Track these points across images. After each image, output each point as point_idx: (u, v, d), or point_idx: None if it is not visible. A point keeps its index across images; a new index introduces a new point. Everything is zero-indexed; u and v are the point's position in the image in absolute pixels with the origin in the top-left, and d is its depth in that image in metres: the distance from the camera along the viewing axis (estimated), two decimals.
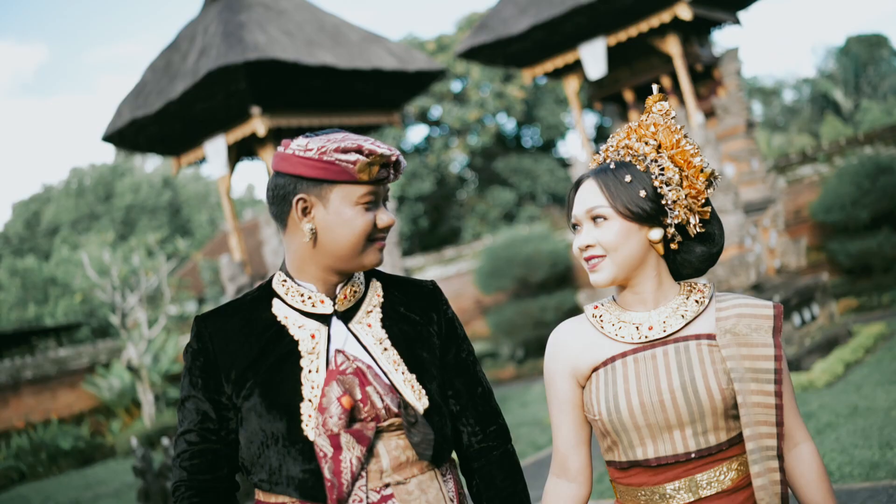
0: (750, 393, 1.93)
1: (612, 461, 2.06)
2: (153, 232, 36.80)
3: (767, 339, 1.98)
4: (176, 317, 23.09)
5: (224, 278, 10.45)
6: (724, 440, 1.96)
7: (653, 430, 1.95)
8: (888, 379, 8.26)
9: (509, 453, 2.22)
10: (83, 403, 20.47)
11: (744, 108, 11.95)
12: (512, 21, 11.37)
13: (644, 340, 2.01)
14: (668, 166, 2.00)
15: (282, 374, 2.02)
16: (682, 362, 1.96)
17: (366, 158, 1.96)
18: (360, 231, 2.00)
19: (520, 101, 28.73)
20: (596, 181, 2.02)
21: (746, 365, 1.94)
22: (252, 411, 2.00)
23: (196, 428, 2.04)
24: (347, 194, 1.99)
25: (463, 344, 2.23)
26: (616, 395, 1.97)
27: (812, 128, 41.00)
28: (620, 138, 2.08)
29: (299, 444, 1.96)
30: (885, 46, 43.07)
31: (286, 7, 10.21)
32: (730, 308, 2.03)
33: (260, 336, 2.06)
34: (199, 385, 2.05)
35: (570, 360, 2.07)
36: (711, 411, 1.93)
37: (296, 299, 2.08)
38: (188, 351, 2.09)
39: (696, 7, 10.92)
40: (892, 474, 5.34)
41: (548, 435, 9.40)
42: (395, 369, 2.04)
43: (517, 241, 17.09)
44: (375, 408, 1.97)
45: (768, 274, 11.08)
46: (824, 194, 14.41)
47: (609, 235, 1.99)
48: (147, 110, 9.71)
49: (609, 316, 2.07)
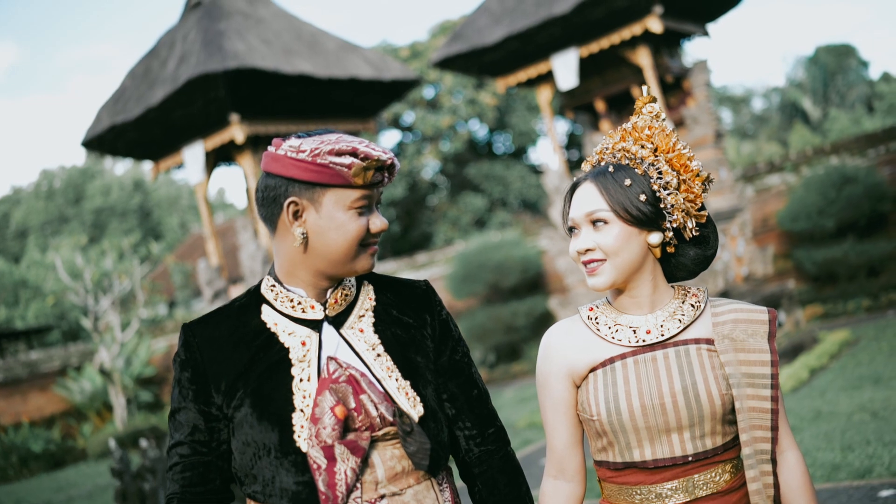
0: (746, 398, 1.94)
1: (605, 461, 2.06)
2: (124, 235, 36.66)
3: (763, 344, 1.99)
4: (148, 320, 23.04)
5: (201, 282, 10.54)
6: (720, 444, 1.98)
7: (651, 433, 1.95)
8: (851, 384, 8.51)
9: (510, 456, 2.17)
10: (54, 406, 20.39)
11: (712, 119, 12.23)
12: (486, 31, 11.58)
13: (642, 344, 2.00)
14: (666, 170, 1.99)
15: (273, 384, 1.96)
16: (684, 366, 1.96)
17: (361, 162, 1.91)
18: (353, 236, 1.95)
19: (492, 108, 28.96)
20: (595, 184, 2.00)
21: (743, 370, 1.95)
22: (243, 422, 1.95)
23: (187, 440, 1.99)
24: (341, 198, 1.94)
25: (457, 346, 2.17)
26: (616, 396, 1.96)
27: (781, 136, 41.46)
28: (615, 141, 2.06)
29: (292, 456, 1.91)
30: (853, 56, 43.62)
31: (264, 15, 10.34)
32: (726, 313, 2.03)
33: (249, 344, 2.01)
34: (189, 396, 2.00)
35: (565, 361, 2.05)
36: (711, 415, 1.94)
37: (285, 305, 2.03)
38: (176, 361, 2.04)
39: (666, 20, 11.18)
40: (853, 475, 5.56)
41: (520, 437, 9.58)
42: (389, 376, 1.99)
43: (489, 247, 17.25)
44: (370, 417, 1.93)
45: (736, 281, 11.34)
46: (791, 203, 14.70)
47: (609, 239, 1.97)
48: (126, 116, 9.80)
49: (605, 318, 2.06)
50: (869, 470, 5.57)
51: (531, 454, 8.60)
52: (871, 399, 7.60)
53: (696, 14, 12.38)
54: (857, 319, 13.05)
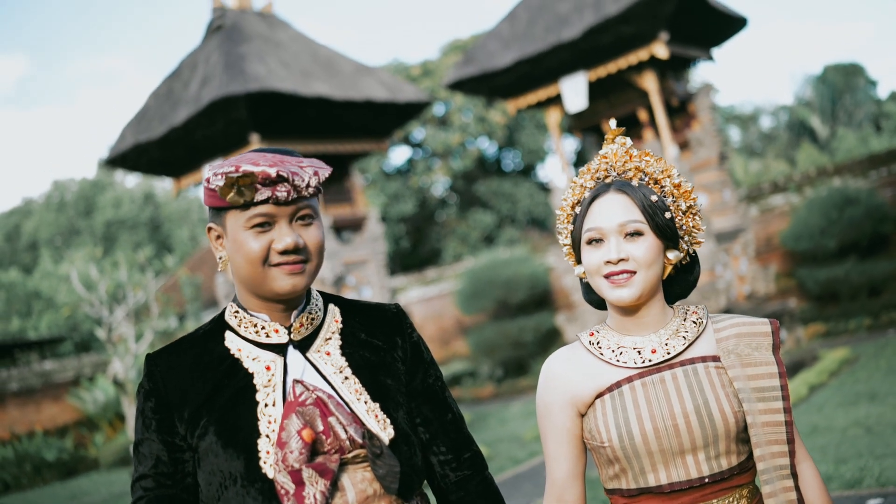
0: (758, 413, 1.91)
1: (618, 489, 2.00)
2: (134, 247, 37.01)
3: (769, 356, 1.96)
4: (161, 332, 23.37)
5: (219, 296, 10.88)
6: (736, 464, 1.94)
7: (665, 456, 1.91)
8: (848, 401, 8.80)
9: (488, 482, 2.11)
10: (67, 416, 20.67)
11: (717, 141, 12.56)
12: (497, 55, 11.94)
13: (648, 364, 1.96)
14: (678, 194, 2.01)
15: (237, 411, 1.91)
16: (693, 385, 1.93)
17: (222, 181, 1.83)
18: (251, 256, 1.87)
19: (501, 126, 29.35)
20: (626, 196, 1.97)
21: (752, 385, 1.92)
22: (208, 451, 1.90)
23: (151, 473, 1.92)
24: (238, 219, 1.88)
25: (430, 369, 2.12)
26: (627, 420, 1.92)
27: (788, 154, 41.59)
28: (626, 160, 2.03)
29: (258, 483, 1.85)
30: (861, 75, 43.82)
31: (283, 39, 10.71)
32: (728, 328, 2.00)
33: (213, 371, 1.95)
34: (153, 427, 1.94)
35: (568, 390, 2.01)
36: (725, 434, 1.91)
37: (249, 330, 1.98)
38: (140, 392, 1.98)
39: (672, 46, 11.53)
40: (843, 486, 5.87)
41: (527, 449, 9.87)
42: (358, 398, 1.94)
43: (497, 264, 17.57)
44: (339, 439, 1.87)
45: (738, 300, 11.64)
46: (794, 223, 14.98)
47: (644, 251, 1.94)
48: (150, 135, 10.18)
49: (607, 341, 2.03)
50: (859, 481, 5.87)
51: (537, 466, 8.90)
52: (866, 415, 7.89)
53: (702, 39, 12.72)
54: (857, 338, 13.30)
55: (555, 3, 11.71)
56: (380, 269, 11.74)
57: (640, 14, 10.98)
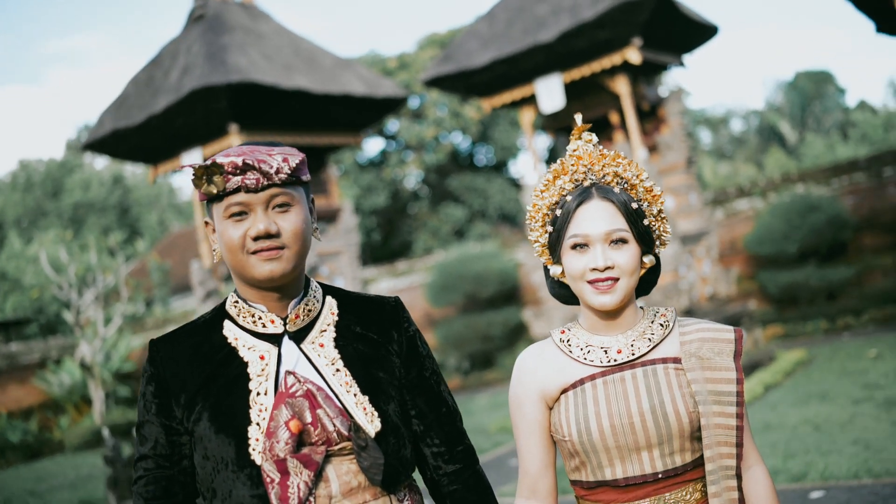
0: (712, 415, 1.97)
1: (579, 480, 2.09)
2: (102, 230, 36.81)
3: (729, 363, 2.02)
4: (129, 316, 23.40)
5: (194, 282, 11.04)
6: (689, 461, 2.01)
7: (622, 452, 1.99)
8: (801, 400, 9.15)
9: (479, 475, 2.17)
10: (32, 398, 20.63)
11: (685, 146, 12.90)
12: (475, 54, 12.18)
13: (612, 364, 2.03)
14: (651, 199, 2.08)
15: (231, 398, 1.98)
16: (651, 385, 2.00)
17: (194, 172, 1.93)
18: (232, 244, 1.95)
19: (475, 122, 29.59)
20: (611, 203, 2.02)
21: (709, 388, 1.98)
22: (203, 436, 1.97)
23: (151, 454, 2.01)
24: (220, 209, 1.96)
25: (426, 362, 2.17)
26: (587, 417, 2.00)
27: (757, 158, 42.14)
28: (603, 163, 2.07)
29: (247, 469, 1.92)
30: (831, 83, 44.49)
31: (265, 31, 10.88)
32: (693, 332, 2.06)
33: (211, 359, 2.03)
34: (153, 410, 2.02)
35: (538, 384, 2.08)
36: (679, 433, 1.98)
37: (247, 320, 2.05)
38: (144, 375, 2.07)
39: (644, 51, 11.84)
40: (789, 479, 6.20)
41: (491, 440, 10.15)
42: (347, 391, 1.99)
43: (468, 258, 17.81)
44: (326, 431, 1.93)
45: (700, 300, 11.98)
46: (757, 228, 15.36)
47: (628, 258, 2.00)
48: (129, 122, 10.32)
49: (577, 340, 2.10)
50: (804, 475, 6.21)
51: (502, 455, 9.18)
52: (816, 413, 8.24)
53: (674, 46, 13.05)
54: (814, 340, 13.70)
55: (533, 6, 11.98)
56: (353, 261, 11.96)
57: (614, 20, 11.28)
